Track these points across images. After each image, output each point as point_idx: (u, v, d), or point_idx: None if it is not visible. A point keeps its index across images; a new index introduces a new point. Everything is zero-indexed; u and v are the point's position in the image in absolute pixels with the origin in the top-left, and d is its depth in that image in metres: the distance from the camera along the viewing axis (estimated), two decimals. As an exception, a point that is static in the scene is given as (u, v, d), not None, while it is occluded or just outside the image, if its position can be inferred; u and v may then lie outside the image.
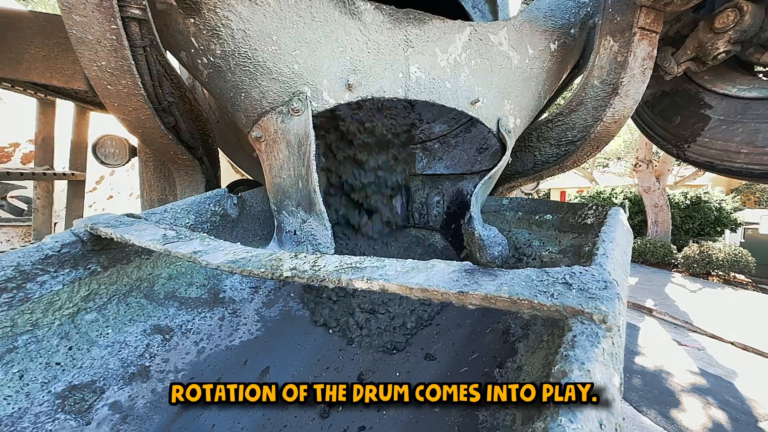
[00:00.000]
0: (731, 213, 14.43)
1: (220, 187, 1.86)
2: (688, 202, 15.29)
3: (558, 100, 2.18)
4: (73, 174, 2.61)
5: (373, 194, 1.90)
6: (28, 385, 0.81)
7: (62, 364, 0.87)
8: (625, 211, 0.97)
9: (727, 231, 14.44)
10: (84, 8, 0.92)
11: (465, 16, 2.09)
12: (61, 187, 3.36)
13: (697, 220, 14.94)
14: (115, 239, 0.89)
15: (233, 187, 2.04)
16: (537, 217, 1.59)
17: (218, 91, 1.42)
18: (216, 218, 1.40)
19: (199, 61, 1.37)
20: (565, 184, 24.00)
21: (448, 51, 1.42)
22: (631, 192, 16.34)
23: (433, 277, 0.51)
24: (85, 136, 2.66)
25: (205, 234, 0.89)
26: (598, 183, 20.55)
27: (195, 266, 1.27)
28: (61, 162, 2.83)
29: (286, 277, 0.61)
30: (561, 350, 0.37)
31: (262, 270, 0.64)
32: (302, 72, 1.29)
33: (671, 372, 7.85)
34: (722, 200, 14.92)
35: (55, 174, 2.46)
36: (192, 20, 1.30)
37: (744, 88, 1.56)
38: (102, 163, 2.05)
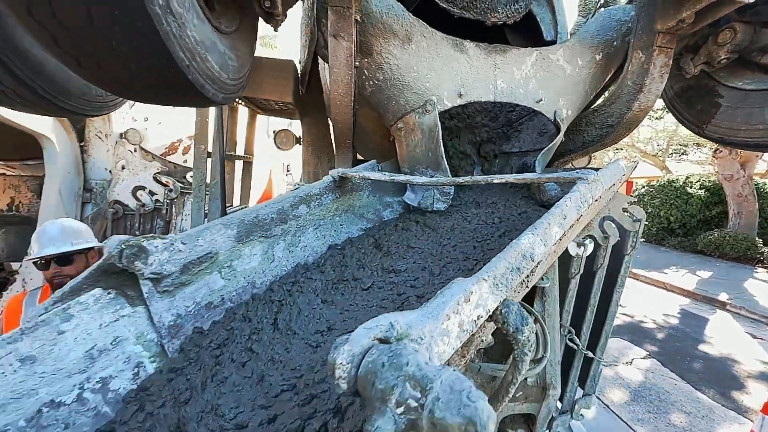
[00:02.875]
0: (838, 204, 12.72)
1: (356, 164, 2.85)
2: (782, 191, 13.69)
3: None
4: (247, 157, 3.85)
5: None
6: (292, 252, 1.81)
7: (323, 240, 1.87)
8: (629, 165, 1.68)
9: (832, 224, 12.78)
10: (340, 65, 1.89)
11: (536, 24, 2.77)
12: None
13: (794, 212, 13.36)
14: (357, 177, 1.86)
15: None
16: (582, 178, 2.32)
17: (376, 101, 2.36)
18: (372, 177, 2.36)
19: (367, 84, 2.32)
20: (632, 174, 22.29)
21: (521, 69, 2.21)
22: (709, 181, 15.01)
23: (520, 177, 1.37)
24: (254, 130, 3.88)
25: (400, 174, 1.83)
26: (671, 171, 18.98)
27: (369, 203, 2.24)
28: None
29: (459, 183, 1.49)
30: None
31: (445, 182, 1.54)
32: (431, 87, 2.17)
33: (738, 360, 7.65)
34: (827, 189, 13.17)
35: (237, 156, 3.69)
36: (366, 60, 2.24)
37: (747, 82, 2.11)
38: (278, 148, 3.17)
